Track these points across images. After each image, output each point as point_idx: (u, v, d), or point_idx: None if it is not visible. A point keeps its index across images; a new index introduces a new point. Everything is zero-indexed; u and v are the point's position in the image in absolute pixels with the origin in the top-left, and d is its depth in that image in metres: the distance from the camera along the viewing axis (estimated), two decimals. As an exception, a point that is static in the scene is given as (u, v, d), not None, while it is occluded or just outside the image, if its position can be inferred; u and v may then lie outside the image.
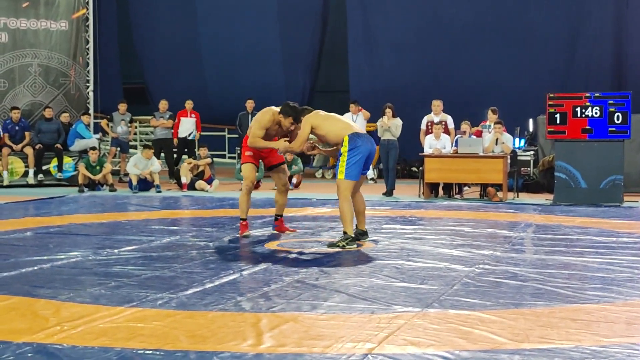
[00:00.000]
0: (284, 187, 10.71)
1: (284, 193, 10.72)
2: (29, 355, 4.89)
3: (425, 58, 24.46)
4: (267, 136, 10.10)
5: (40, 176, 19.18)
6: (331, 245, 9.44)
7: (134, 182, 17.81)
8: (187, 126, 19.86)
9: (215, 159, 19.69)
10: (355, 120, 19.05)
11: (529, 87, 22.65)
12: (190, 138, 19.95)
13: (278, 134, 10.24)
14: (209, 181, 18.27)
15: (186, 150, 20.10)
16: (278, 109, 10.10)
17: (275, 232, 10.72)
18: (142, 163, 18.03)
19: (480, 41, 24.00)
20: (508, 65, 23.67)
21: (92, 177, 18.03)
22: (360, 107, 18.97)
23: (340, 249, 9.30)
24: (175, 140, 19.78)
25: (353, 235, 9.52)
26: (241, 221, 10.50)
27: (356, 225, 9.83)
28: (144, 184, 17.90)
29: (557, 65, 23.45)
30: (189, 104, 19.99)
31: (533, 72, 23.36)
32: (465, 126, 17.61)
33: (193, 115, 20.01)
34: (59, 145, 19.09)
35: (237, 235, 10.38)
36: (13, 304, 6.34)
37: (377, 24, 25.18)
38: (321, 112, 9.92)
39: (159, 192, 17.70)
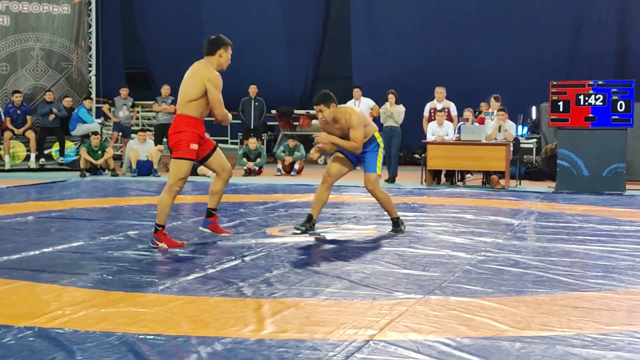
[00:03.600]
0: (229, 174, 8.88)
1: (225, 182, 8.91)
2: (31, 339, 4.89)
3: (428, 45, 24.43)
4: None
5: (42, 160, 19.19)
6: (396, 231, 9.48)
7: (133, 166, 17.82)
8: None
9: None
10: (358, 106, 19.05)
11: (532, 75, 22.64)
12: None
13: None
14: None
15: None
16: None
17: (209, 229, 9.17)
18: (140, 147, 18.04)
19: (484, 29, 23.97)
20: (511, 53, 23.65)
21: (93, 161, 18.03)
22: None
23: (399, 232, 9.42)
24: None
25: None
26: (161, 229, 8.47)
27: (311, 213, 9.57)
28: (145, 168, 17.88)
29: (561, 53, 23.42)
30: None
31: (536, 60, 23.34)
32: (467, 113, 17.60)
33: None
34: (54, 112, 19.02)
35: (239, 222, 10.36)
36: (15, 288, 6.34)
37: (380, 10, 25.14)
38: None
39: (157, 176, 17.71)
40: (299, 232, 9.32)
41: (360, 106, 18.79)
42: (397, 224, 9.57)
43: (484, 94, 19.24)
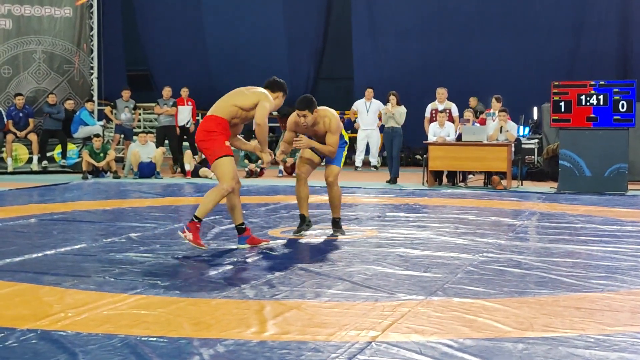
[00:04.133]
0: (239, 184, 8.65)
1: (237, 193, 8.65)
2: (33, 341, 4.90)
3: (429, 46, 24.42)
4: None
5: (44, 163, 19.21)
6: (338, 232, 9.48)
7: (135, 169, 17.84)
8: (185, 114, 19.84)
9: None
10: (368, 107, 19.08)
11: (533, 75, 22.62)
12: (187, 126, 19.91)
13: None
14: (208, 165, 18.29)
15: (185, 137, 20.09)
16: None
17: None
18: (142, 149, 18.05)
19: (485, 29, 23.96)
20: (513, 53, 23.64)
21: (95, 164, 18.04)
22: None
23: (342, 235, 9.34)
24: (177, 130, 19.77)
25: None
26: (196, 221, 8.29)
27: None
28: (147, 170, 17.89)
29: (562, 53, 23.40)
30: (184, 92, 19.97)
31: (538, 60, 23.32)
32: (468, 114, 17.60)
33: (189, 103, 19.98)
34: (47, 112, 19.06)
35: (250, 222, 10.36)
36: (17, 290, 6.35)
37: (382, 11, 25.14)
38: None
39: (159, 178, 17.73)
40: (301, 235, 9.33)
41: (371, 107, 18.81)
42: (337, 224, 9.57)
43: (485, 94, 19.27)
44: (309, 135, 9.29)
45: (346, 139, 9.51)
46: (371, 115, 19.03)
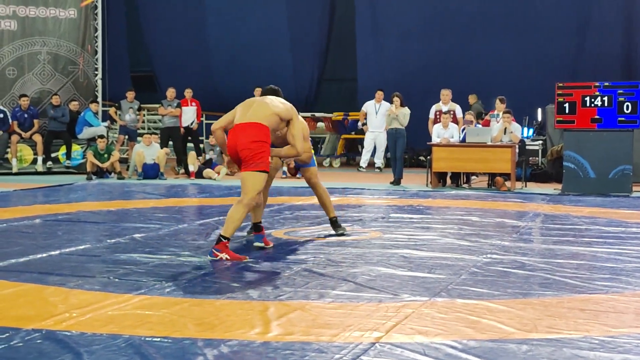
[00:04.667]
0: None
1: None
2: (38, 341, 4.91)
3: (433, 47, 24.40)
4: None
5: (49, 164, 19.23)
6: (339, 231, 9.49)
7: (139, 169, 17.85)
8: (189, 115, 19.85)
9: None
10: (378, 109, 19.06)
11: (537, 77, 22.59)
12: (192, 126, 19.94)
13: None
14: (212, 166, 18.29)
15: (189, 138, 20.10)
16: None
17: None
18: (146, 150, 18.06)
19: (489, 30, 23.94)
20: (517, 54, 23.61)
21: (100, 164, 18.06)
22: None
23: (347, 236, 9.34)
24: (182, 130, 19.79)
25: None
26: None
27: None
28: (152, 171, 17.89)
29: (566, 54, 23.37)
30: (188, 93, 19.98)
31: (542, 61, 23.30)
32: (469, 116, 17.60)
33: (193, 104, 19.99)
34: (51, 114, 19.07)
35: (245, 225, 10.36)
36: (22, 290, 6.36)
37: (385, 12, 25.14)
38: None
39: (163, 179, 17.74)
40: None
41: (381, 109, 18.80)
42: (336, 223, 9.59)
43: (488, 95, 19.27)
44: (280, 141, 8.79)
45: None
46: (380, 117, 19.02)
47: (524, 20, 23.84)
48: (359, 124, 20.97)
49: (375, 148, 20.31)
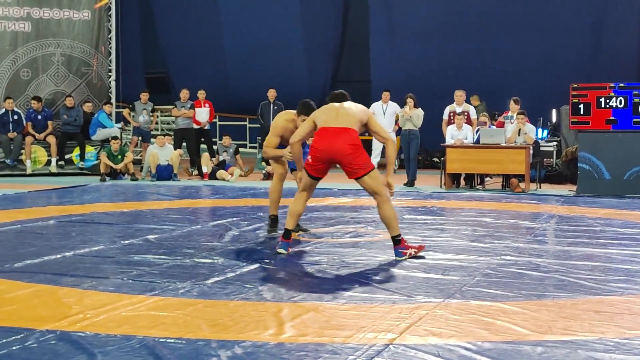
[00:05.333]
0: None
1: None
2: (52, 342, 4.92)
3: (447, 48, 24.36)
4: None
5: (63, 165, 19.27)
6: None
7: (153, 170, 17.86)
8: (202, 116, 19.88)
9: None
10: (385, 110, 19.01)
11: (552, 77, 22.51)
12: (205, 128, 19.98)
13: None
14: (226, 167, 18.30)
15: (203, 139, 20.13)
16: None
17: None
18: (160, 151, 18.07)
19: (503, 31, 23.88)
20: (531, 55, 23.55)
21: (113, 166, 18.08)
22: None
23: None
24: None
25: None
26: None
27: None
28: (165, 172, 17.91)
29: (581, 55, 23.29)
30: (201, 94, 19.99)
31: (556, 62, 23.23)
32: (483, 117, 17.55)
33: (206, 105, 20.02)
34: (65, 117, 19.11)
35: (259, 226, 10.36)
36: (36, 291, 6.37)
37: (399, 13, 25.12)
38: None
39: (177, 180, 17.76)
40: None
41: (388, 109, 18.75)
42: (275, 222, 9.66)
43: (503, 96, 19.21)
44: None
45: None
46: (388, 118, 18.96)
47: (539, 21, 23.77)
48: None
49: (384, 149, 20.25)
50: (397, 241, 8.12)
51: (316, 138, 8.19)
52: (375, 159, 20.19)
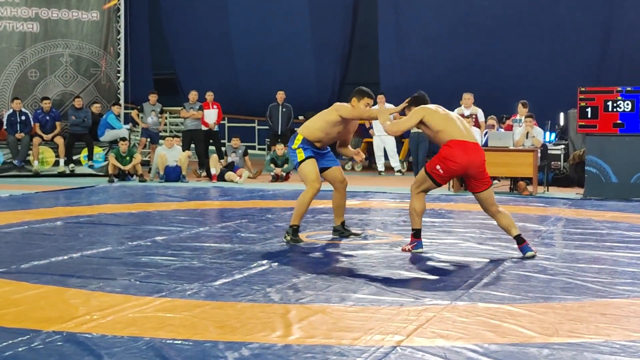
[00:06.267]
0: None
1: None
2: (59, 343, 4.93)
3: (456, 51, 24.34)
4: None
5: (71, 166, 19.29)
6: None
7: (161, 172, 17.88)
8: (211, 117, 19.91)
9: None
10: None
11: (560, 81, 22.49)
12: (214, 129, 20.03)
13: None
14: (234, 169, 18.32)
15: (211, 141, 20.15)
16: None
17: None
18: (168, 152, 18.09)
19: (512, 34, 23.86)
20: (540, 59, 23.53)
21: (122, 167, 18.10)
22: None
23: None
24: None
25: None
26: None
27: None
28: (173, 173, 17.93)
29: (589, 59, 23.25)
30: (209, 96, 20.03)
31: (565, 66, 23.19)
32: (491, 121, 17.54)
33: (215, 107, 20.04)
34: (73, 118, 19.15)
35: (267, 228, 10.37)
36: (43, 292, 6.39)
37: (408, 16, 25.10)
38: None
39: (185, 182, 17.78)
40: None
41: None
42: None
43: (511, 99, 19.17)
44: (343, 134, 9.58)
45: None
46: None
47: (547, 25, 23.74)
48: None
49: (385, 151, 20.28)
50: (521, 240, 8.36)
51: (456, 152, 8.33)
52: (379, 161, 20.22)
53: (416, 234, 8.63)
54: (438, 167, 8.37)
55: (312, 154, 9.18)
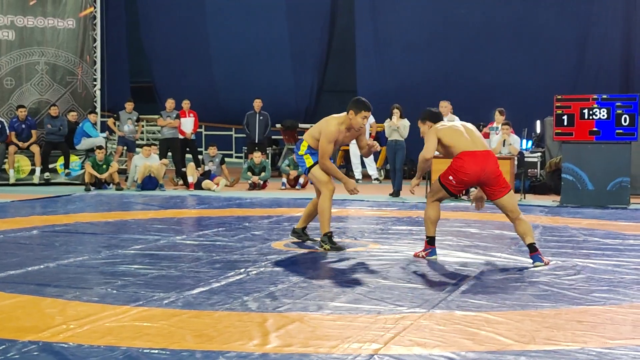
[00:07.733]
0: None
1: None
2: (35, 353, 4.90)
3: (433, 59, 24.43)
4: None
5: (47, 174, 19.20)
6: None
7: (139, 181, 17.83)
8: (187, 126, 19.88)
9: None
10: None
11: (536, 89, 22.63)
12: (190, 138, 20.01)
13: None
14: (211, 177, 18.30)
15: (188, 149, 20.12)
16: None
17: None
18: (148, 162, 18.04)
19: (490, 42, 23.99)
20: (517, 67, 23.65)
21: (98, 175, 18.06)
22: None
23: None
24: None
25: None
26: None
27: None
28: (150, 183, 17.89)
29: (566, 67, 23.42)
30: (185, 104, 20.01)
31: (541, 74, 23.34)
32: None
33: (191, 115, 20.02)
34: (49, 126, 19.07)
35: (244, 236, 10.37)
36: (19, 302, 6.35)
37: (386, 23, 25.16)
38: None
39: (163, 190, 17.74)
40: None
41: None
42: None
43: (488, 107, 19.23)
44: (346, 142, 9.83)
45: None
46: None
47: (525, 34, 23.89)
48: None
49: (362, 159, 20.34)
50: (533, 248, 8.39)
51: (467, 163, 8.50)
52: (356, 169, 20.25)
53: (430, 241, 8.76)
54: (451, 177, 8.56)
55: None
